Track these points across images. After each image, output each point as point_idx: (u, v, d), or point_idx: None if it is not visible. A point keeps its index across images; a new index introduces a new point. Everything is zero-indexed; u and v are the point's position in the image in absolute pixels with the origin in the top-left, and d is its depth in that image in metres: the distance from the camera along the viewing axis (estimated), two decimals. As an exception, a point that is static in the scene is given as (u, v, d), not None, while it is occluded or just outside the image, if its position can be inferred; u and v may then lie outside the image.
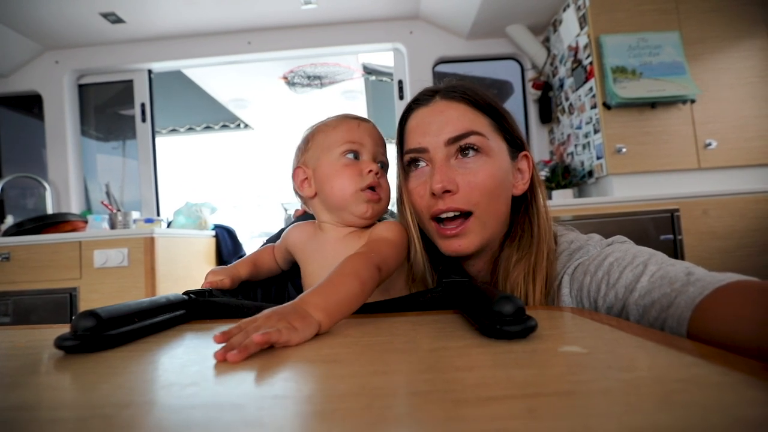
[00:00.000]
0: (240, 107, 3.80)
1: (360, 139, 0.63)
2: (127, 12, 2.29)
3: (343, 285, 0.44)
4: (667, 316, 0.41)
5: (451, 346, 0.32)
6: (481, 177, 0.57)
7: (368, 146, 0.63)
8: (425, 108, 0.62)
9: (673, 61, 1.88)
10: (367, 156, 0.63)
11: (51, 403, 0.24)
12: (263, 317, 0.36)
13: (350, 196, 0.61)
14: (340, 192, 0.61)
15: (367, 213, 0.62)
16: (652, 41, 1.90)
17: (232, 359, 0.30)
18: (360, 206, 0.61)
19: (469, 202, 0.58)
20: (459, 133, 0.58)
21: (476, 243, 0.59)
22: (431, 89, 0.64)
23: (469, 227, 0.58)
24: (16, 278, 1.84)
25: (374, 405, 0.21)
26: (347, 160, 0.62)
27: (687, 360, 0.26)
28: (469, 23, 2.38)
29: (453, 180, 0.57)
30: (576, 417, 0.18)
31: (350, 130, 0.63)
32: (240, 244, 2.54)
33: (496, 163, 0.59)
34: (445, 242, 0.60)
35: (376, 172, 0.62)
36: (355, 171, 0.61)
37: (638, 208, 1.77)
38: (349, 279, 0.45)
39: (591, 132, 2.00)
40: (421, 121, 0.62)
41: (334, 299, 0.41)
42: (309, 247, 0.66)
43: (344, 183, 0.61)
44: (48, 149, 2.59)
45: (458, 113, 0.59)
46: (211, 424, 0.19)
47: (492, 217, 0.59)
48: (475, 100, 0.60)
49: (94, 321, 0.35)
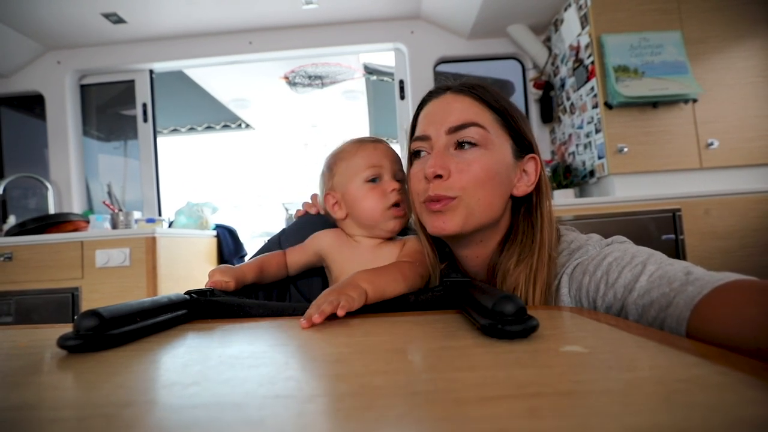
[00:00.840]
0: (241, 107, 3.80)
1: (379, 162, 0.70)
2: (129, 12, 2.29)
3: (390, 274, 0.55)
4: (666, 315, 0.41)
5: (452, 345, 0.32)
6: (475, 167, 0.58)
7: (387, 167, 0.71)
8: (436, 100, 0.64)
9: (675, 61, 1.88)
10: (388, 176, 0.70)
11: (53, 403, 0.24)
12: (326, 293, 0.46)
13: (379, 215, 0.69)
14: (370, 213, 0.70)
15: (396, 228, 0.71)
16: (654, 41, 1.90)
17: (316, 320, 0.41)
18: (389, 223, 0.70)
19: (455, 189, 0.59)
20: (460, 123, 0.59)
21: (459, 223, 0.59)
22: (446, 84, 0.66)
23: (452, 206, 0.59)
24: (18, 278, 1.85)
25: (375, 404, 0.21)
26: (372, 184, 0.70)
27: (688, 360, 0.26)
28: (470, 23, 2.38)
29: (446, 166, 0.59)
30: (577, 417, 0.18)
31: (369, 156, 0.71)
32: (241, 243, 2.54)
33: (493, 157, 0.59)
34: (430, 219, 0.61)
35: (398, 189, 0.69)
36: (380, 192, 0.69)
37: (640, 207, 1.77)
38: (395, 272, 0.56)
39: (592, 132, 2.00)
40: (429, 111, 0.64)
41: (381, 280, 0.52)
42: (344, 253, 0.73)
43: (373, 204, 0.69)
44: (50, 149, 2.59)
45: (464, 105, 0.61)
46: (213, 423, 0.19)
47: (479, 204, 0.59)
48: (483, 96, 0.61)
49: (97, 320, 0.35)
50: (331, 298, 0.44)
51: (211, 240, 2.43)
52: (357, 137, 0.76)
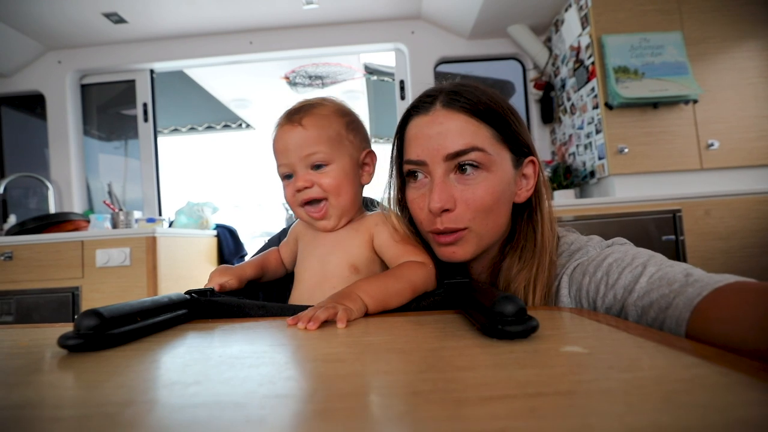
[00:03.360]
0: (242, 107, 3.80)
1: (284, 159, 0.61)
2: (130, 12, 2.30)
3: (395, 284, 0.51)
4: (665, 317, 0.41)
5: (452, 345, 0.32)
6: (480, 194, 0.56)
7: (294, 158, 0.60)
8: (425, 116, 0.59)
9: (676, 61, 1.88)
10: (299, 169, 0.61)
11: (53, 402, 0.24)
12: (324, 301, 0.45)
13: (301, 216, 0.64)
14: (293, 210, 0.64)
15: (325, 226, 0.63)
16: (654, 41, 1.90)
17: (311, 327, 0.39)
18: (313, 222, 0.64)
19: (464, 220, 0.57)
20: (459, 149, 0.56)
21: (471, 252, 0.59)
22: (431, 93, 0.61)
23: (464, 237, 0.58)
24: (18, 277, 1.85)
25: (375, 404, 0.21)
26: (286, 182, 0.63)
27: (688, 360, 0.26)
28: (470, 23, 2.38)
29: (451, 197, 0.57)
30: (577, 417, 0.18)
31: (277, 151, 0.62)
32: (241, 243, 2.55)
33: (496, 178, 0.57)
34: (441, 249, 0.60)
35: (303, 187, 0.60)
36: (291, 191, 0.62)
37: (640, 208, 1.77)
38: (402, 283, 0.52)
39: (593, 132, 2.00)
40: (420, 132, 0.59)
41: (383, 294, 0.49)
42: (308, 240, 0.67)
43: (291, 206, 0.64)
44: (50, 149, 2.59)
45: (458, 126, 0.57)
46: (213, 422, 0.19)
47: (488, 229, 0.59)
48: (477, 109, 0.57)
49: (97, 320, 0.35)
50: (328, 305, 0.43)
51: (212, 240, 2.43)
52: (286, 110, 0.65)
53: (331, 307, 0.42)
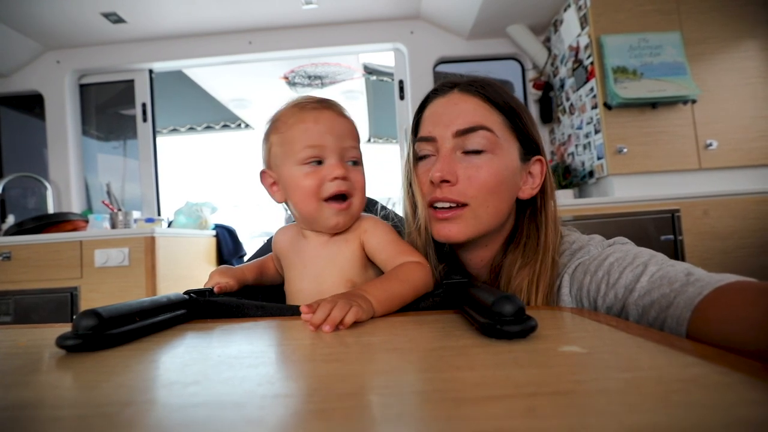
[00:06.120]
0: (241, 107, 3.80)
1: (320, 141, 0.55)
2: (128, 12, 2.29)
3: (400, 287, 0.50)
4: (666, 316, 0.41)
5: (451, 345, 0.32)
6: (483, 173, 0.57)
7: (331, 146, 0.55)
8: (442, 98, 0.62)
9: (674, 62, 1.88)
10: (333, 158, 0.55)
11: (52, 402, 0.24)
12: (334, 298, 0.42)
13: (314, 209, 0.56)
14: (304, 206, 0.56)
15: (338, 225, 0.57)
16: (653, 41, 1.90)
17: (327, 331, 0.38)
18: (329, 219, 0.56)
19: (466, 195, 0.58)
20: (468, 126, 0.58)
21: (466, 232, 0.59)
22: (452, 81, 0.64)
23: (461, 214, 0.58)
24: (17, 277, 1.84)
25: (375, 404, 0.21)
26: (309, 168, 0.55)
27: (687, 360, 0.26)
28: (469, 23, 2.38)
29: (453, 171, 0.58)
30: (576, 416, 0.18)
31: (307, 130, 0.55)
32: (240, 243, 2.54)
33: (502, 162, 0.59)
34: (437, 226, 0.60)
35: (342, 176, 0.55)
36: (318, 180, 0.55)
37: (639, 208, 1.77)
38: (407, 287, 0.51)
39: (592, 132, 2.00)
40: (435, 111, 0.62)
41: (390, 298, 0.48)
42: (291, 252, 0.62)
43: (306, 194, 0.55)
44: (49, 149, 2.59)
45: (472, 106, 0.59)
46: (212, 422, 0.19)
47: (487, 212, 0.59)
48: (491, 97, 0.60)
49: (96, 320, 0.35)
50: (340, 302, 0.41)
51: (211, 240, 2.43)
52: (301, 99, 0.59)
53: (346, 305, 0.40)
